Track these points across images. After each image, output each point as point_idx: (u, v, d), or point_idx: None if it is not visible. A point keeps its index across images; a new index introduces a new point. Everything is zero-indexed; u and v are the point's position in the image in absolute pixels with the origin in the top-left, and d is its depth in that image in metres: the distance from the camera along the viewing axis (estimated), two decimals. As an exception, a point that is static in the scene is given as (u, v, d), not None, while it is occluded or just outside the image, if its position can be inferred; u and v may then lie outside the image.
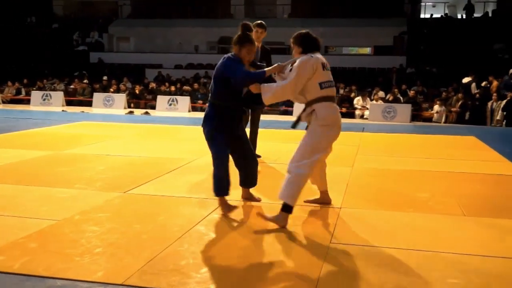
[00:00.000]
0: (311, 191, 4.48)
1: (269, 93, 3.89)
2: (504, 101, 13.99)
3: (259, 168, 4.54)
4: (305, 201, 4.44)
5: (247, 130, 6.37)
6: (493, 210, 4.45)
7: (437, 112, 14.82)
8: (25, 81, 19.09)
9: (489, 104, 14.43)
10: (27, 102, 17.67)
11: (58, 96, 17.50)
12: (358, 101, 15.89)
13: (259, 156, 6.40)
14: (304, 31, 4.08)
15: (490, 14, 24.49)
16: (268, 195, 4.63)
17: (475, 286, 2.82)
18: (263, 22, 6.29)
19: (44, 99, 17.39)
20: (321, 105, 3.90)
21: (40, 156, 6.72)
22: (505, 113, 13.73)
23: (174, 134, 9.54)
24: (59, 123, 10.76)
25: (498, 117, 13.90)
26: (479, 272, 3.02)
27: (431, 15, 25.90)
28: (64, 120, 11.59)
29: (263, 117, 6.88)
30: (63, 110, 15.55)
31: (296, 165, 3.84)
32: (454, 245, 3.48)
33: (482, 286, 2.83)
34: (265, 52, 6.39)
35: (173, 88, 17.61)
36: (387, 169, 6.25)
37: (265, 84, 3.93)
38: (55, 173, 5.69)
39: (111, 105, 16.80)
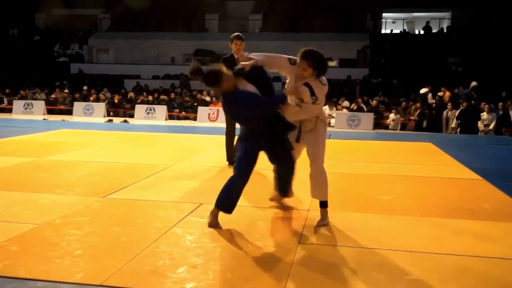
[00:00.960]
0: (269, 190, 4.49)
1: (303, 113, 3.86)
2: (458, 111, 14.36)
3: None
4: (270, 199, 4.50)
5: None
6: (447, 210, 4.52)
7: (393, 120, 15.11)
8: (7, 90, 18.65)
9: (445, 113, 14.79)
10: (9, 111, 17.29)
11: (40, 105, 17.18)
12: (325, 109, 16.04)
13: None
14: (317, 50, 3.84)
15: (445, 30, 25.12)
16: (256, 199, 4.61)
17: (433, 282, 2.87)
18: (241, 34, 6.22)
19: (26, 108, 17.05)
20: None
21: (22, 162, 6.56)
22: (459, 121, 14.09)
23: (152, 141, 9.45)
24: (40, 131, 10.53)
25: (453, 125, 14.26)
26: (436, 269, 3.07)
27: (391, 30, 26.43)
28: (45, 128, 11.35)
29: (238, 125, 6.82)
30: (44, 119, 15.24)
31: (322, 165, 4.00)
32: (413, 244, 3.54)
33: (439, 282, 2.88)
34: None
35: (150, 97, 17.50)
36: (351, 173, 6.31)
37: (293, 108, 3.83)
38: (37, 179, 5.57)
39: (91, 114, 16.58)
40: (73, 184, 5.26)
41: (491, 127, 13.67)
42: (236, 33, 6.26)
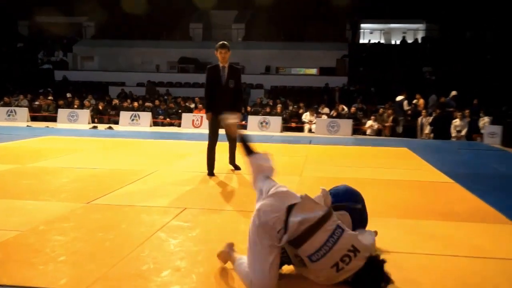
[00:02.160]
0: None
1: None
2: (432, 117, 14.62)
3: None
4: None
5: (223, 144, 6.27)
6: (421, 212, 4.59)
7: (370, 127, 15.29)
8: (-11, 98, 18.33)
9: (419, 119, 15.02)
10: (-8, 118, 16.96)
11: (23, 112, 16.89)
12: (306, 116, 16.18)
13: (239, 168, 6.41)
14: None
15: (419, 41, 25.55)
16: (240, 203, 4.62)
17: (407, 282, 2.91)
18: (226, 43, 6.15)
19: (9, 115, 16.76)
20: None
21: (5, 169, 6.44)
22: (432, 127, 14.33)
23: (136, 147, 9.38)
24: (24, 138, 10.37)
25: (427, 131, 14.50)
26: (409, 268, 3.12)
27: (369, 40, 26.77)
28: (29, 135, 11.18)
29: (221, 131, 6.74)
30: (28, 126, 14.99)
31: None
32: (388, 244, 3.58)
33: (412, 281, 2.92)
34: (233, 70, 6.23)
35: (135, 104, 17.37)
36: (331, 177, 6.35)
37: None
38: (21, 185, 5.48)
39: (75, 121, 16.39)
40: (57, 191, 5.19)
41: (463, 133, 13.94)
42: (221, 42, 6.20)
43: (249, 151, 3.31)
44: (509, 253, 3.46)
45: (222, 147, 6.31)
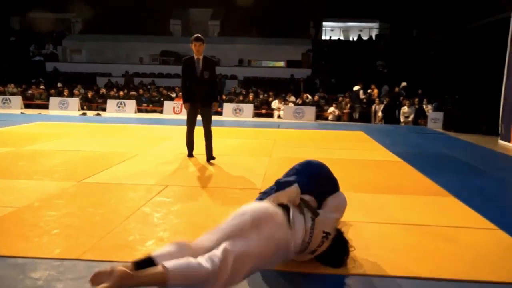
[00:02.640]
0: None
1: None
2: (383, 105, 14.86)
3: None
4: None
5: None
6: (375, 187, 4.70)
7: (331, 113, 15.45)
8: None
9: (373, 107, 15.25)
10: (-13, 106, 16.30)
11: (17, 100, 16.29)
12: (274, 103, 16.18)
13: (214, 158, 5.94)
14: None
15: (374, 38, 25.79)
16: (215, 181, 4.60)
17: (364, 247, 2.98)
18: (201, 36, 5.81)
19: (4, 103, 16.13)
20: None
21: (1, 152, 6.23)
22: (383, 114, 14.58)
23: (122, 132, 9.21)
24: (18, 124, 10.02)
25: (380, 117, 14.74)
26: (363, 235, 3.20)
27: (330, 37, 26.85)
28: (23, 121, 10.80)
29: (199, 117, 6.62)
30: (22, 113, 14.48)
31: None
32: (346, 215, 3.65)
33: (367, 245, 3.00)
34: (208, 63, 5.85)
35: (121, 93, 16.99)
36: (297, 158, 6.34)
37: None
38: (16, 166, 5.32)
39: (66, 108, 15.92)
40: (50, 171, 5.06)
41: (410, 118, 14.24)
42: (196, 35, 5.86)
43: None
44: (448, 221, 3.59)
45: (200, 132, 6.23)
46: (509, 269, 2.67)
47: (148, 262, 2.04)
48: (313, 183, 2.68)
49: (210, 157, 5.96)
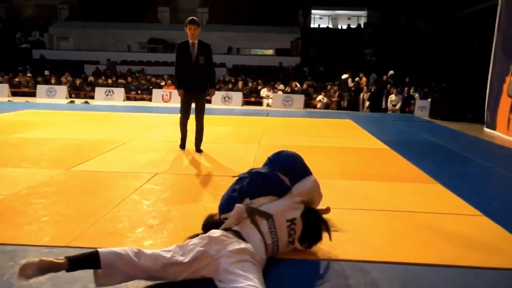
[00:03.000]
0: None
1: None
2: (369, 93, 14.93)
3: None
4: None
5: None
6: (362, 174, 4.74)
7: (320, 101, 15.48)
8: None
9: (361, 95, 15.30)
10: (-27, 93, 15.95)
11: (4, 87, 15.99)
12: (263, 91, 16.15)
13: (202, 151, 5.71)
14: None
15: (362, 26, 25.77)
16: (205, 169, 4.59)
17: (351, 232, 3.02)
18: (195, 18, 5.44)
19: (-10, 90, 15.81)
20: None
21: (-13, 140, 6.14)
22: (369, 102, 14.66)
23: (111, 120, 9.12)
24: (5, 112, 9.85)
25: (367, 105, 14.81)
26: (350, 222, 3.23)
27: (319, 25, 26.75)
28: (10, 109, 10.63)
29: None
30: (9, 100, 14.23)
31: None
32: (334, 202, 3.69)
33: (354, 232, 3.04)
34: (204, 47, 5.48)
35: (109, 81, 16.78)
36: (286, 145, 6.35)
37: None
38: (3, 154, 5.24)
39: (53, 96, 15.69)
40: (38, 159, 5.00)
41: (397, 107, 14.34)
42: (190, 18, 5.46)
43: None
44: (433, 208, 3.64)
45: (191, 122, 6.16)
46: (493, 254, 2.73)
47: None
48: (285, 171, 2.77)
49: (198, 149, 5.76)
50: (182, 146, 5.85)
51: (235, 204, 2.48)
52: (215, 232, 2.28)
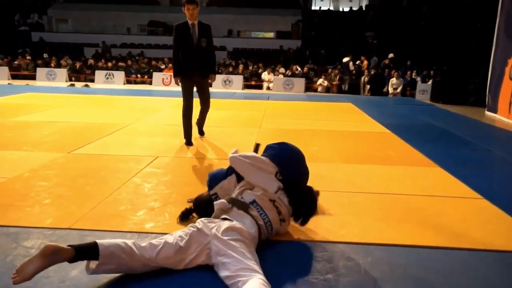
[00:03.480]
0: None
1: None
2: (369, 76, 14.82)
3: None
4: None
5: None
6: (362, 158, 4.74)
7: (321, 85, 15.39)
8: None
9: (362, 78, 15.20)
10: (-27, 76, 15.86)
11: (3, 70, 15.88)
12: (264, 75, 16.05)
13: (204, 134, 5.56)
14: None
15: (363, 8, 25.45)
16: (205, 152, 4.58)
17: (349, 215, 3.03)
18: None
19: (-10, 73, 15.72)
20: None
21: (-12, 123, 6.12)
22: (369, 85, 14.57)
23: (111, 103, 9.08)
24: (5, 95, 9.81)
25: (368, 89, 14.72)
26: (351, 205, 3.24)
27: (320, 7, 26.44)
28: (10, 92, 10.57)
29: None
30: (9, 83, 14.15)
31: None
32: (335, 186, 3.70)
33: (355, 215, 3.05)
34: (204, 28, 5.05)
35: (109, 64, 16.66)
36: (286, 129, 6.42)
37: None
38: (4, 138, 5.23)
39: (53, 79, 15.60)
40: (39, 142, 5.00)
41: (398, 90, 14.26)
42: None
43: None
44: (434, 191, 3.65)
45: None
46: (492, 237, 2.74)
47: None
48: (278, 160, 2.73)
49: (201, 130, 5.57)
50: (188, 142, 5.13)
51: (214, 202, 2.44)
52: (203, 220, 2.26)
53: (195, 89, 5.23)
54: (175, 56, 5.07)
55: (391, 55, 16.38)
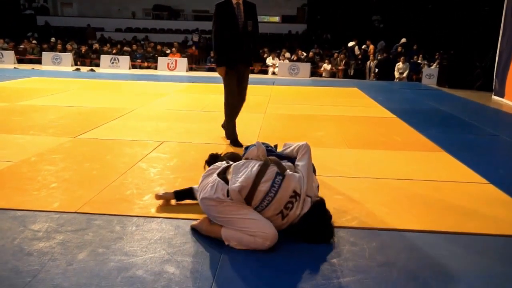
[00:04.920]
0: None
1: None
2: (376, 61, 14.63)
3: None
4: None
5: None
6: (368, 143, 4.71)
7: (324, 69, 15.24)
8: (-25, 41, 17.00)
9: (368, 63, 15.02)
10: (-21, 60, 15.84)
11: (10, 54, 15.86)
12: (269, 60, 15.90)
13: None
14: None
15: (370, -8, 25.00)
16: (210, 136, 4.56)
17: (355, 198, 3.02)
18: None
19: (-4, 57, 15.70)
20: None
21: (-5, 107, 6.13)
22: (377, 69, 14.39)
23: (117, 88, 9.05)
24: (12, 79, 9.81)
25: (373, 73, 14.56)
26: (357, 188, 3.23)
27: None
28: (16, 76, 10.57)
29: (192, 73, 6.46)
30: (15, 68, 14.13)
31: None
32: (341, 170, 3.68)
33: (360, 199, 3.03)
34: (250, 8, 4.25)
35: (115, 49, 16.58)
36: (291, 114, 6.38)
37: None
38: (11, 121, 5.24)
39: (59, 63, 15.55)
40: (45, 126, 5.00)
41: (404, 75, 14.09)
42: None
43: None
44: (439, 176, 3.62)
45: (194, 88, 6.10)
46: (497, 221, 2.72)
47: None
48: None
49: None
50: (235, 142, 4.40)
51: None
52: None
53: None
54: (217, 40, 4.19)
55: (403, 40, 16.11)
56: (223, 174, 2.41)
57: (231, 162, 2.54)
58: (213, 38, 4.23)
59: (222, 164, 2.53)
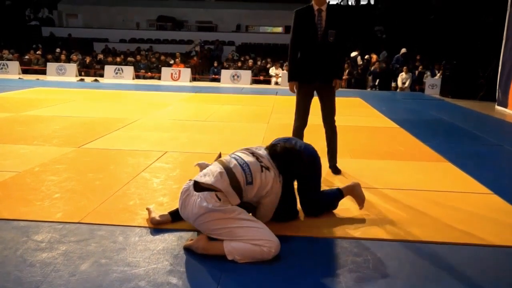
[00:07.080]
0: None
1: None
2: (377, 70, 14.63)
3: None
4: None
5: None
6: (371, 153, 4.70)
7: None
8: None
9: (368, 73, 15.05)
10: (-15, 71, 16.00)
11: (15, 65, 16.01)
12: (272, 70, 15.98)
13: (340, 172, 3.94)
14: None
15: (372, 2, 25.19)
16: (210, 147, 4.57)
17: (359, 210, 3.00)
18: None
19: (1, 68, 15.84)
20: None
21: (0, 117, 6.17)
22: (378, 79, 14.42)
23: (121, 98, 9.11)
24: (16, 89, 9.89)
25: (376, 83, 14.58)
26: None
27: (329, 1, 26.15)
28: (21, 86, 10.66)
29: (196, 84, 6.50)
30: (19, 78, 14.26)
31: None
32: (344, 181, 3.67)
33: (364, 209, 3.01)
34: (335, 17, 3.70)
35: (118, 59, 16.72)
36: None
37: None
38: (15, 132, 5.27)
39: (63, 74, 15.68)
40: (49, 136, 5.03)
41: (407, 84, 14.11)
42: None
43: None
44: (443, 186, 3.60)
45: (198, 98, 6.12)
46: (502, 233, 2.70)
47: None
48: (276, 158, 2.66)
49: (335, 166, 3.98)
50: None
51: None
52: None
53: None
54: (292, 51, 3.78)
55: (403, 50, 16.18)
56: (198, 190, 2.39)
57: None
58: (289, 48, 3.81)
59: (188, 184, 2.50)
